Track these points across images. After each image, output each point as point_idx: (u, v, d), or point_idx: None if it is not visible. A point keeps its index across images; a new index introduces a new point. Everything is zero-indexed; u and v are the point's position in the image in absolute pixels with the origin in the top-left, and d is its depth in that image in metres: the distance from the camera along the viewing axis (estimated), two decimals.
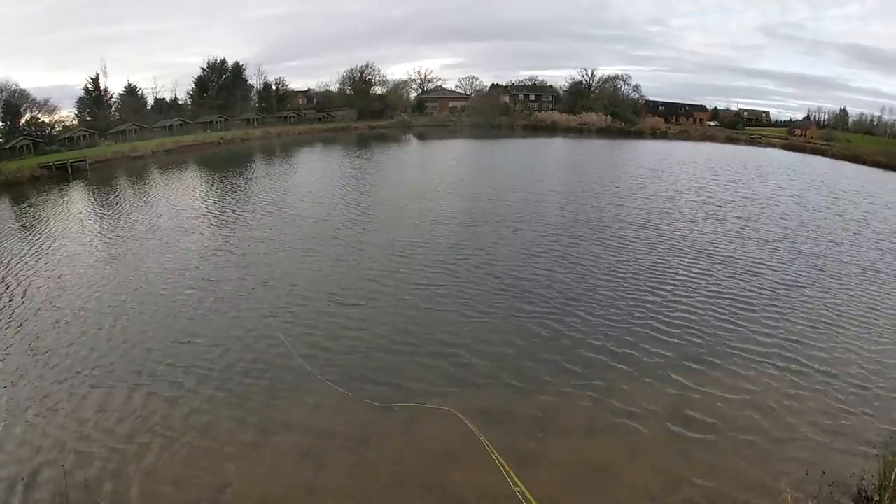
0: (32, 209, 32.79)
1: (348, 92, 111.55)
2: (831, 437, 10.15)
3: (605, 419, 10.58)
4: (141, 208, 30.55)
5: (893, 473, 7.96)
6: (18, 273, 20.08)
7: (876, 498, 8.13)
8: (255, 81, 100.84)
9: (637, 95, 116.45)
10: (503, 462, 8.97)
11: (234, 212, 28.91)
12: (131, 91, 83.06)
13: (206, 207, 30.21)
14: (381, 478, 9.08)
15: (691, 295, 16.78)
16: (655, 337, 14.00)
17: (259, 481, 9.03)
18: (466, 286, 17.34)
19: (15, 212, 32.47)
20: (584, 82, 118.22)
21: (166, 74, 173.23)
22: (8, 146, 59.57)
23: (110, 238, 24.38)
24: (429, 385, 11.78)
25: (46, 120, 71.06)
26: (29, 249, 23.11)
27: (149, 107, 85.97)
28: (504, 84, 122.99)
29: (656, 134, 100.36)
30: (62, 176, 48.29)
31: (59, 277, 19.44)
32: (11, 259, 21.94)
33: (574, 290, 17.10)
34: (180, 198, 33.36)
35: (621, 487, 8.86)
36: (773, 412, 10.92)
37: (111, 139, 68.56)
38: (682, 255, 20.86)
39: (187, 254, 21.48)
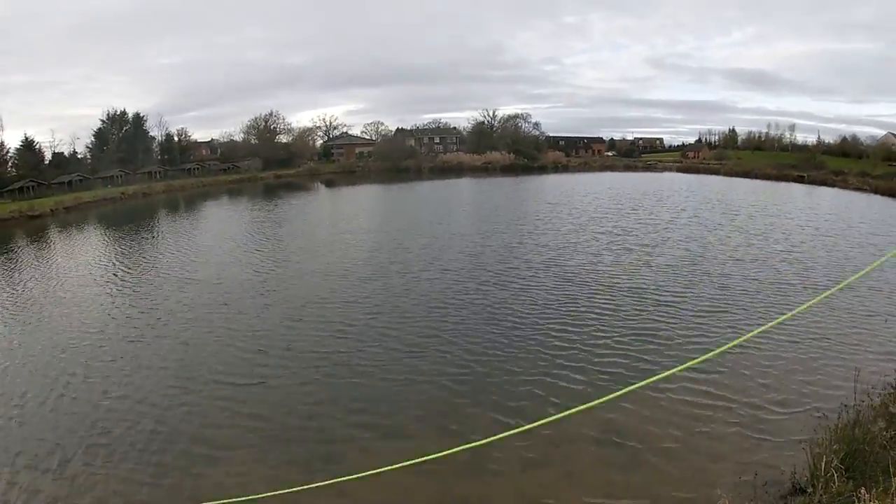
0: None
1: (253, 141, 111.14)
2: (758, 441, 10.56)
3: (536, 452, 10.57)
4: (30, 277, 28.74)
5: (822, 463, 8.17)
6: None
7: (810, 490, 8.34)
8: (156, 133, 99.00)
9: (538, 132, 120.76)
10: None
11: (126, 277, 27.31)
12: (28, 145, 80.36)
13: (98, 273, 28.52)
14: None
15: (604, 329, 16.84)
16: (572, 373, 14.07)
17: None
18: (371, 349, 16.37)
19: None
20: (486, 122, 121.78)
21: (64, 127, 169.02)
22: None
23: None
24: (350, 452, 11.26)
25: None
26: None
27: (47, 162, 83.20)
28: (409, 128, 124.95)
29: (558, 168, 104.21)
30: None
31: None
32: None
33: (486, 338, 16.83)
34: (74, 262, 31.64)
35: None
36: (699, 427, 11.26)
37: (8, 197, 66.10)
38: (590, 291, 20.94)
39: (65, 331, 19.48)
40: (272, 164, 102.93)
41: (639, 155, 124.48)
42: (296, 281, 24.58)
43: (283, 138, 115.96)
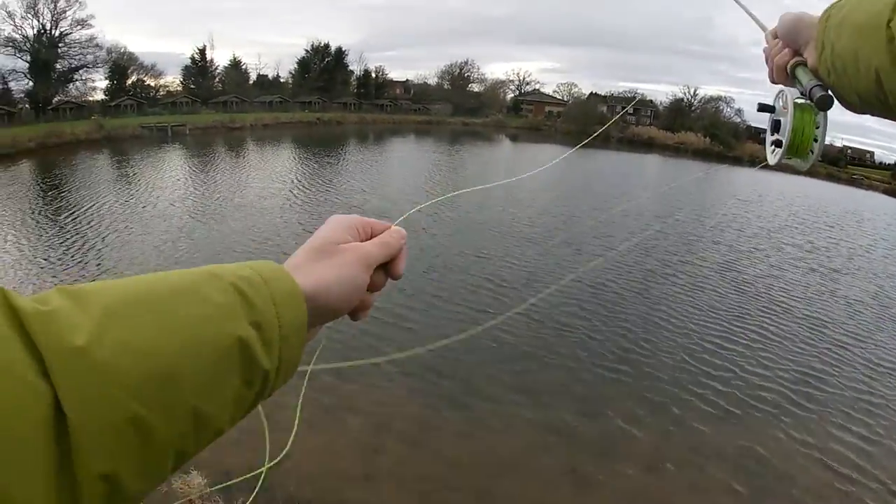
0: (127, 166, 34.46)
1: (446, 87, 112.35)
2: None
3: (669, 454, 10.23)
4: (227, 182, 31.38)
5: None
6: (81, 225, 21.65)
7: None
8: (355, 67, 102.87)
9: (739, 119, 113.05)
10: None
11: (303, 197, 28.68)
12: (236, 65, 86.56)
13: (279, 188, 30.23)
14: (434, 475, 8.99)
15: (764, 355, 15.41)
16: (729, 381, 13.37)
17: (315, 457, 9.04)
18: (518, 315, 15.70)
19: (109, 165, 34.16)
20: (685, 100, 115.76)
21: (270, 52, 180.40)
22: (113, 104, 63.14)
23: (185, 209, 24.87)
24: (496, 392, 11.64)
25: (151, 83, 74.95)
26: (105, 204, 24.95)
27: (251, 82, 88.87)
28: (602, 94, 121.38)
29: (754, 162, 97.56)
30: (162, 137, 51.08)
31: (104, 239, 20.30)
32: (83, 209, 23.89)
33: (639, 332, 15.99)
34: (261, 174, 34.07)
35: None
36: (847, 477, 10.36)
37: (212, 108, 71.08)
38: (761, 308, 19.15)
39: (234, 235, 21.25)
40: (461, 111, 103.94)
41: (845, 165, 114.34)
42: (459, 228, 24.49)
43: (475, 87, 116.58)
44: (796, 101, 1.49)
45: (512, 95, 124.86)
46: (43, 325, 0.56)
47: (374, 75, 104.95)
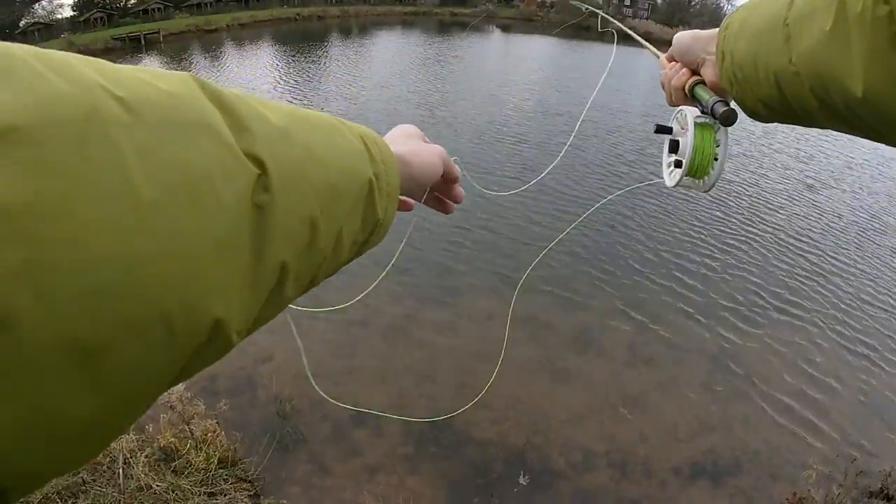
0: None
1: None
2: (874, 421, 9.23)
3: (646, 351, 9.99)
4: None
5: None
6: None
7: None
8: None
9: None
10: None
11: (299, 96, 27.13)
12: None
13: (269, 88, 28.81)
14: (413, 367, 8.91)
15: (757, 251, 14.80)
16: (714, 282, 12.85)
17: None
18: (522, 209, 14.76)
19: None
20: None
21: None
22: (82, 19, 61.23)
23: None
24: (477, 285, 11.39)
25: None
26: None
27: None
28: None
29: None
30: (135, 48, 49.45)
31: None
32: None
33: (638, 223, 15.21)
34: (245, 79, 32.28)
35: (648, 423, 8.33)
36: (820, 381, 9.96)
37: (186, 12, 68.42)
38: (747, 216, 17.36)
39: None
40: (449, 1, 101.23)
41: None
42: (455, 132, 22.02)
43: None
44: (696, 120, 1.42)
45: None
46: (241, 101, 0.57)
47: None
